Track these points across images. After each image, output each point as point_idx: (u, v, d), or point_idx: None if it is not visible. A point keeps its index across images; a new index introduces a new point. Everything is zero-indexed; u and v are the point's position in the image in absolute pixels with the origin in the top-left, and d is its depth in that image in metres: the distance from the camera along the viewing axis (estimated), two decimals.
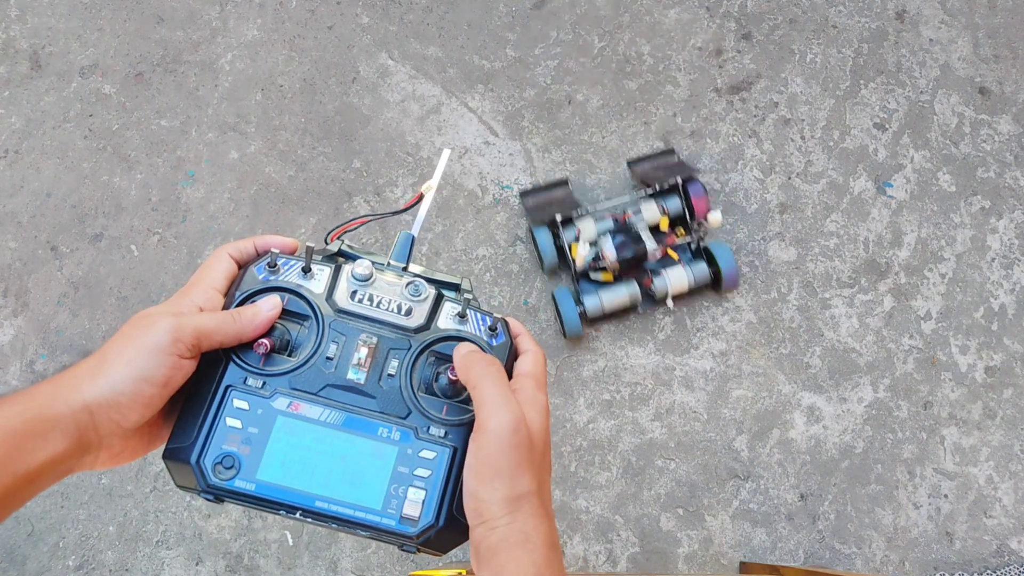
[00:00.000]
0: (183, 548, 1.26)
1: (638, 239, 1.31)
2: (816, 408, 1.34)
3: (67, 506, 1.27)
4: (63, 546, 1.26)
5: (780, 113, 1.47)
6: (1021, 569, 1.28)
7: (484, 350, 0.47)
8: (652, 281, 1.32)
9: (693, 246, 1.35)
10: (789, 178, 1.44)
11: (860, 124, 1.47)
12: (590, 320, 1.34)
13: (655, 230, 1.35)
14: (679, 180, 1.33)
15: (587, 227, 1.33)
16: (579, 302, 1.31)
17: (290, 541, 1.26)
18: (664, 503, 1.30)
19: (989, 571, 1.28)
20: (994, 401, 1.35)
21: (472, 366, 0.43)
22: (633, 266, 1.32)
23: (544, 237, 1.33)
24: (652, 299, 1.35)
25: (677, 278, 1.32)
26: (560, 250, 1.34)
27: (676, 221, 1.36)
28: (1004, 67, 1.51)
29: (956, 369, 1.36)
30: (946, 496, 1.31)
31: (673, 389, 1.34)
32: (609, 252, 1.30)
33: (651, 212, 1.34)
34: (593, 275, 1.33)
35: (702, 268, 1.33)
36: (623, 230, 1.32)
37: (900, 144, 1.47)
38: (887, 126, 1.47)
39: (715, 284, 1.35)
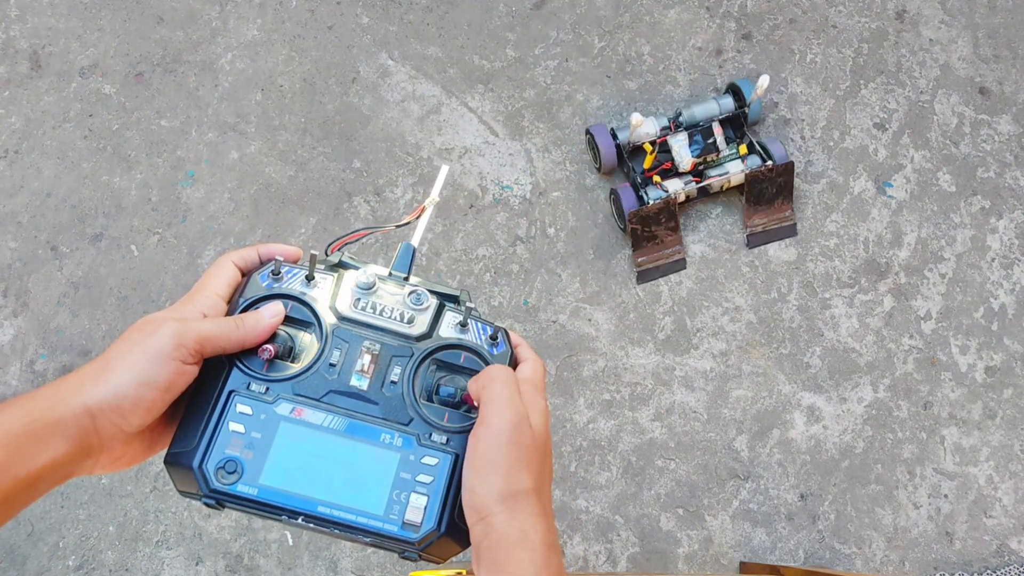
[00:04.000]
0: (183, 548, 1.26)
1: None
2: (816, 408, 1.34)
3: (67, 506, 1.27)
4: (63, 546, 1.26)
5: (780, 113, 1.47)
6: (1021, 569, 1.28)
7: (485, 359, 0.47)
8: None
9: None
10: None
11: (860, 124, 1.47)
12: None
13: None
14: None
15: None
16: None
17: (290, 541, 1.26)
18: (664, 503, 1.30)
19: (989, 571, 1.28)
20: (994, 401, 1.35)
21: (485, 373, 0.44)
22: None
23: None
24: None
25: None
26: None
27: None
28: (1004, 67, 1.51)
29: (956, 369, 1.36)
30: (946, 496, 1.31)
31: (673, 389, 1.34)
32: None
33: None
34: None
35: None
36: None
37: (900, 144, 1.47)
38: (887, 126, 1.47)
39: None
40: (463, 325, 0.48)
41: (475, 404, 0.45)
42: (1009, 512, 1.31)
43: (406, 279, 0.50)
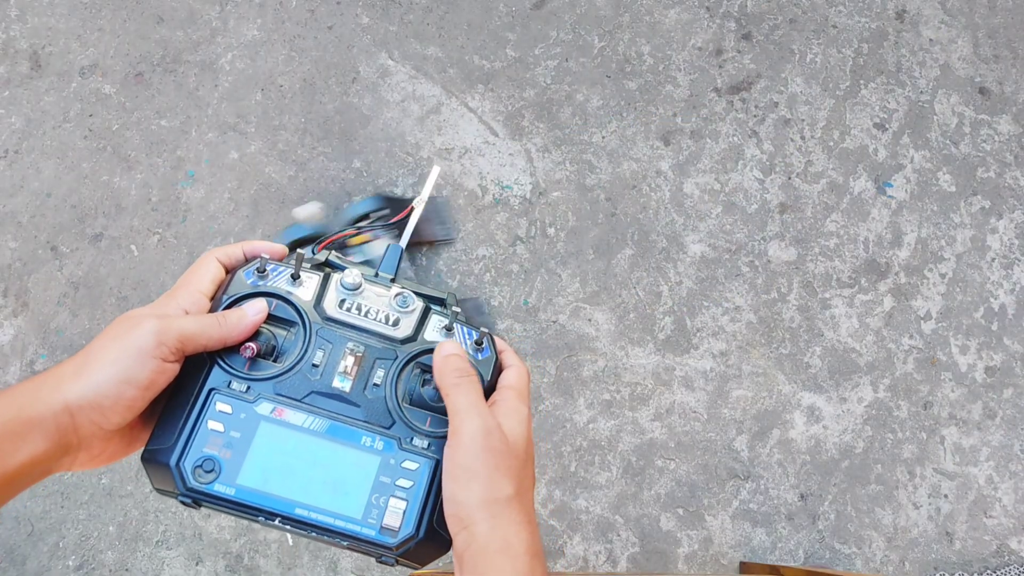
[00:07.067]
0: (183, 548, 1.26)
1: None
2: (816, 408, 1.34)
3: (67, 506, 1.27)
4: (63, 546, 1.26)
5: (780, 113, 1.47)
6: (1021, 569, 1.27)
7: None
8: None
9: None
10: (789, 178, 1.44)
11: (860, 124, 1.47)
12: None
13: None
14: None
15: None
16: None
17: (290, 541, 1.27)
18: (664, 503, 1.30)
19: (989, 571, 1.27)
20: (994, 401, 1.35)
21: (446, 374, 0.43)
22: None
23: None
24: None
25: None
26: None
27: None
28: (1004, 67, 1.50)
29: (956, 369, 1.36)
30: (946, 496, 1.31)
31: (673, 389, 1.34)
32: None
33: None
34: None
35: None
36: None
37: (900, 144, 1.46)
38: (887, 126, 1.47)
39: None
40: (449, 329, 0.48)
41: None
42: (1009, 512, 1.30)
43: (393, 281, 0.50)
